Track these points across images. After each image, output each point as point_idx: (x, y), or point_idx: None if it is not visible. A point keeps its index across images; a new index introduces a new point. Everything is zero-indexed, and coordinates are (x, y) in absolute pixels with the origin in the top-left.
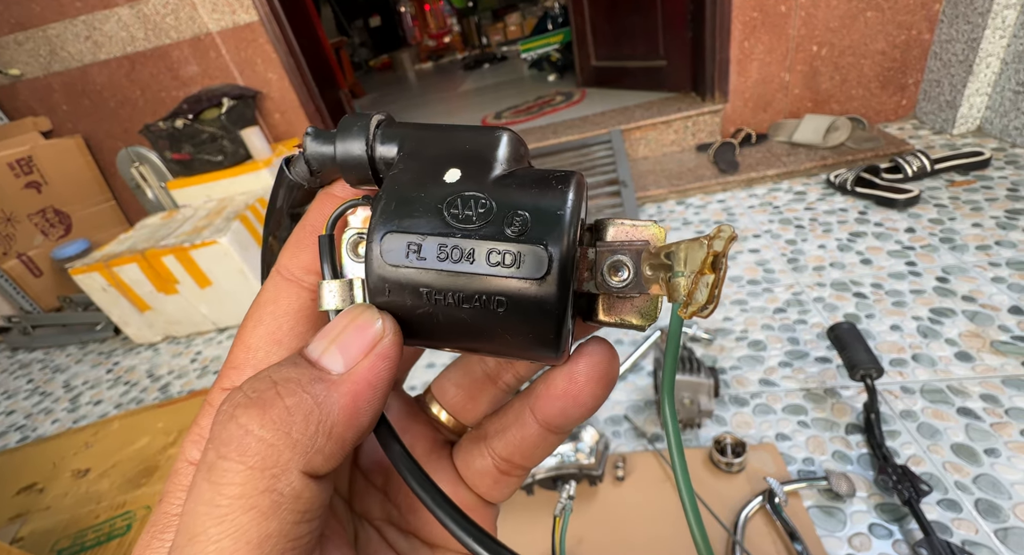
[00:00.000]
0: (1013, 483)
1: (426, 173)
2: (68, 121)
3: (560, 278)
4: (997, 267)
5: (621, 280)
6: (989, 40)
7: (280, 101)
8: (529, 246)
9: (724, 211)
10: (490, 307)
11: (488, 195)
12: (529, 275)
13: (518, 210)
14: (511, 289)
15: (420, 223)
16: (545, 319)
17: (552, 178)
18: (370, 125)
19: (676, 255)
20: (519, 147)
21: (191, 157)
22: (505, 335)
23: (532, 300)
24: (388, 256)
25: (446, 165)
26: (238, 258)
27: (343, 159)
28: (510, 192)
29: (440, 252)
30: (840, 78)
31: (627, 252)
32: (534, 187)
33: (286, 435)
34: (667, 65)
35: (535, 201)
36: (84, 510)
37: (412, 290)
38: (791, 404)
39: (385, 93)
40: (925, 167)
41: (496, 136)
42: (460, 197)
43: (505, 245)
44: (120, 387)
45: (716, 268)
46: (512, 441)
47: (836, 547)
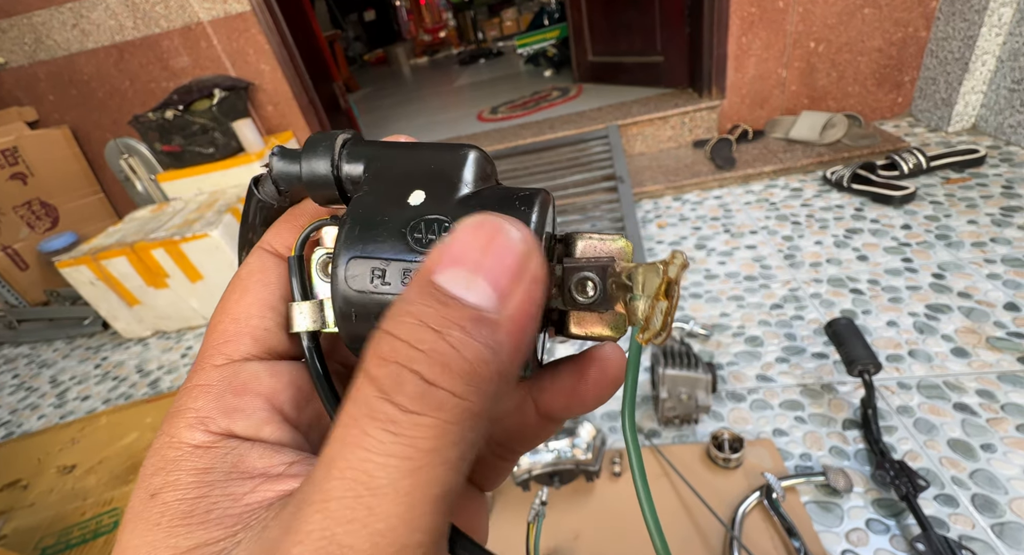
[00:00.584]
0: (1009, 478)
1: (390, 196)
2: (55, 111)
3: None
4: (992, 264)
5: (587, 297)
6: (985, 38)
7: (273, 93)
8: None
9: (721, 207)
10: None
11: (451, 218)
12: None
13: None
14: None
15: (384, 248)
16: None
17: (516, 198)
18: (335, 144)
19: (635, 278)
20: (485, 166)
21: (182, 149)
22: None
23: None
24: (353, 282)
25: (411, 187)
26: (230, 252)
27: (309, 179)
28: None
29: (404, 277)
30: (837, 75)
31: (593, 269)
32: (497, 208)
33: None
34: (664, 61)
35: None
36: (70, 507)
37: (378, 315)
38: (788, 400)
39: (379, 87)
40: (921, 164)
41: (462, 155)
42: (424, 221)
43: None
44: (108, 382)
45: (669, 295)
46: (510, 428)
47: (833, 542)
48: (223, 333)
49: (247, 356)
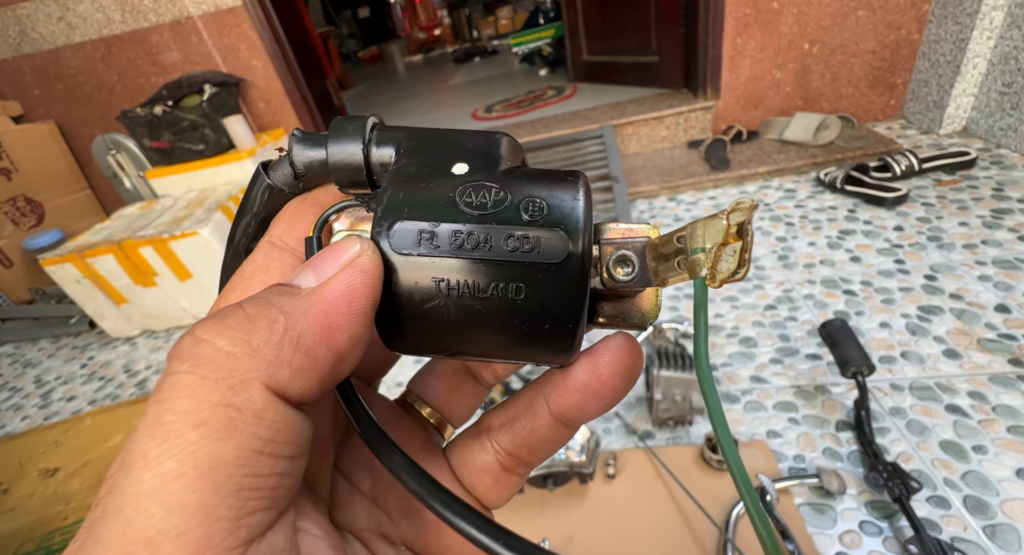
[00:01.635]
0: (1000, 480)
1: (432, 167)
2: (40, 106)
3: (580, 262)
4: (983, 265)
5: (626, 274)
6: (977, 41)
7: (265, 89)
8: (547, 230)
9: (715, 208)
10: (508, 295)
11: (501, 184)
12: (548, 260)
13: (534, 197)
14: (529, 274)
15: (433, 211)
16: (565, 306)
17: (562, 172)
18: (366, 126)
19: (692, 234)
20: (518, 149)
21: (171, 145)
22: (521, 326)
23: (551, 285)
24: (398, 245)
25: (452, 160)
26: (220, 250)
27: (336, 162)
28: (523, 182)
29: (454, 239)
30: (831, 76)
31: (630, 247)
32: (546, 179)
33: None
34: (659, 61)
35: (549, 190)
36: (52, 511)
37: (423, 281)
38: (782, 401)
39: (373, 85)
40: (913, 166)
41: (497, 137)
42: (472, 186)
43: (522, 229)
44: (95, 382)
45: (743, 234)
46: (521, 433)
47: (827, 545)
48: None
49: None
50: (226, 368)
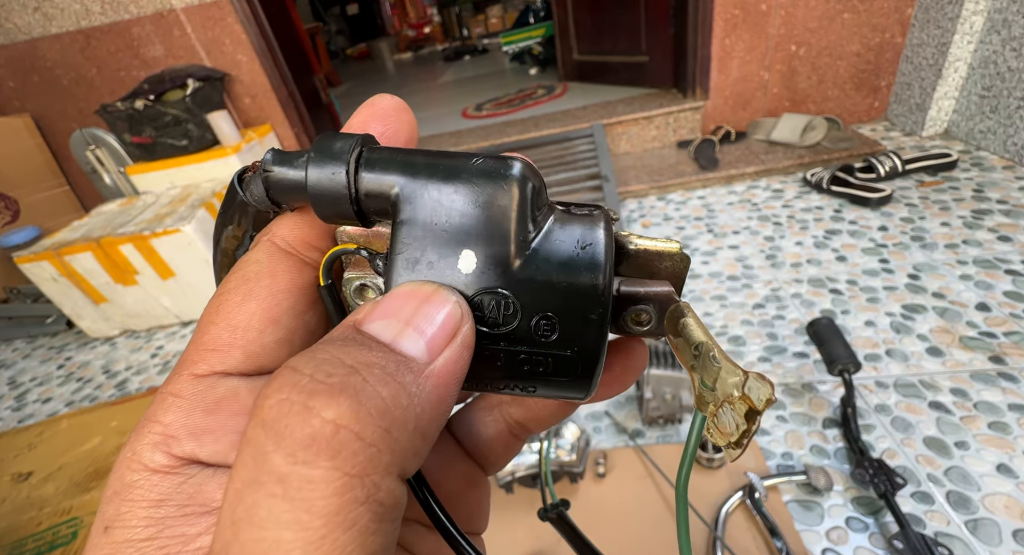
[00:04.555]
0: (982, 475)
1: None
2: (15, 99)
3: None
4: (964, 265)
5: (642, 325)
6: (958, 45)
7: (250, 85)
8: (559, 352)
9: (704, 207)
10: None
11: (512, 292)
12: (559, 376)
13: (547, 312)
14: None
15: None
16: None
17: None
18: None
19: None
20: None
21: (153, 141)
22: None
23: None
24: None
25: (457, 244)
26: (203, 248)
27: (317, 191)
28: (535, 286)
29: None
30: (817, 78)
31: (649, 302)
32: (561, 276)
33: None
34: (649, 61)
35: (563, 297)
36: (24, 517)
37: None
38: None
39: (362, 82)
40: (897, 167)
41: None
42: (483, 296)
43: (536, 349)
44: (72, 384)
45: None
46: (532, 408)
47: (814, 541)
48: (214, 339)
49: (232, 370)
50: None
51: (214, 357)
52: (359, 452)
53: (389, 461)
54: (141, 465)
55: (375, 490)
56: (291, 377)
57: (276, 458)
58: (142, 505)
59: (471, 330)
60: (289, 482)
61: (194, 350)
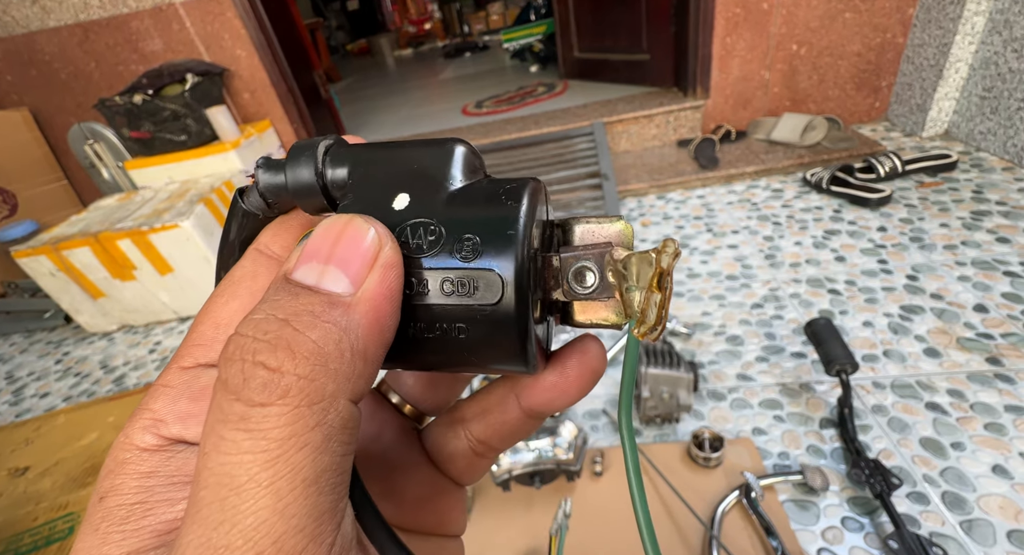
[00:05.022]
0: (977, 476)
1: (375, 201)
2: (13, 92)
3: (516, 300)
4: (963, 266)
5: (587, 287)
6: (959, 46)
7: (249, 80)
8: (481, 270)
9: (704, 206)
10: (451, 334)
11: (437, 220)
12: (483, 301)
13: (467, 233)
14: (468, 315)
15: None
16: (507, 340)
17: (503, 193)
18: (318, 151)
19: (629, 269)
20: (472, 160)
21: (151, 135)
22: (471, 357)
23: (490, 323)
24: None
25: (395, 190)
26: (202, 244)
27: (295, 188)
28: (459, 213)
29: None
30: (818, 78)
31: (591, 257)
32: (484, 205)
33: (324, 367)
34: (650, 59)
35: (484, 221)
36: (21, 512)
37: None
38: (767, 399)
39: (362, 78)
40: (896, 168)
41: (445, 150)
42: (410, 226)
43: (457, 272)
44: (70, 379)
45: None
46: (492, 424)
47: (810, 540)
48: (200, 335)
49: (215, 362)
50: (315, 395)
51: (200, 351)
52: (304, 388)
53: (334, 389)
54: (132, 445)
55: (324, 415)
56: (238, 341)
57: (237, 406)
58: (133, 477)
59: (393, 250)
60: (249, 419)
61: (184, 346)
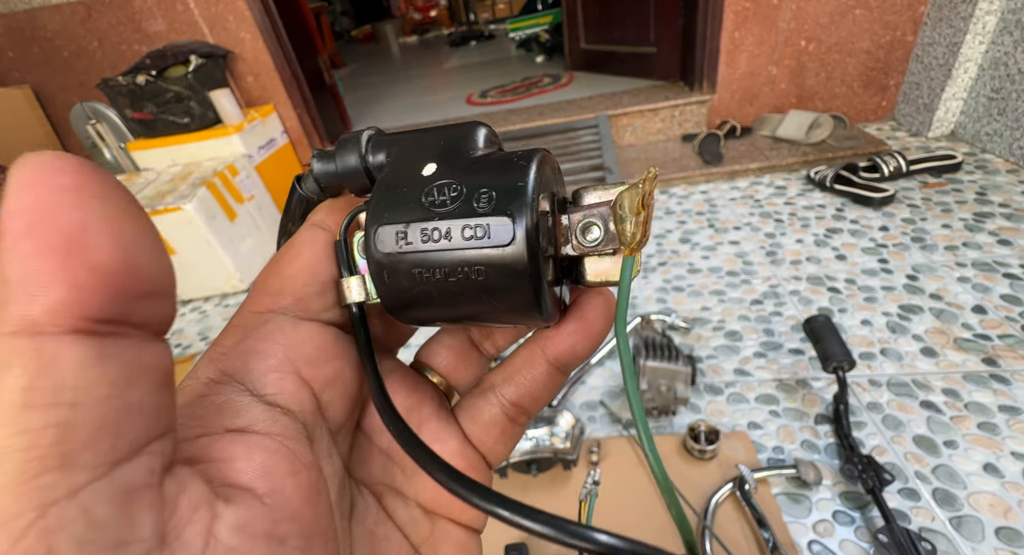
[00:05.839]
0: (968, 474)
1: (407, 172)
2: (14, 70)
3: (527, 241)
4: (963, 267)
5: (594, 239)
6: (969, 45)
7: (253, 63)
8: (496, 217)
9: (706, 202)
10: (472, 277)
11: (459, 180)
12: (498, 243)
13: (483, 188)
14: (485, 257)
15: (404, 213)
16: (520, 281)
17: (516, 158)
18: (362, 140)
19: (623, 205)
20: (489, 135)
21: (154, 117)
22: (492, 301)
23: (505, 265)
24: (382, 246)
25: (424, 162)
26: (204, 227)
27: (343, 172)
28: (478, 175)
29: (423, 235)
30: (825, 75)
31: (596, 214)
32: (499, 167)
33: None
34: (657, 52)
35: (500, 179)
36: None
37: (406, 272)
38: (764, 394)
39: (366, 65)
40: (901, 168)
41: (468, 128)
42: (435, 186)
43: (475, 220)
44: None
45: (645, 206)
46: (522, 383)
47: (801, 533)
48: (269, 286)
49: (283, 310)
50: None
51: (269, 299)
52: None
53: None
54: (197, 376)
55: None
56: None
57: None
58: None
59: None
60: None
61: (255, 294)
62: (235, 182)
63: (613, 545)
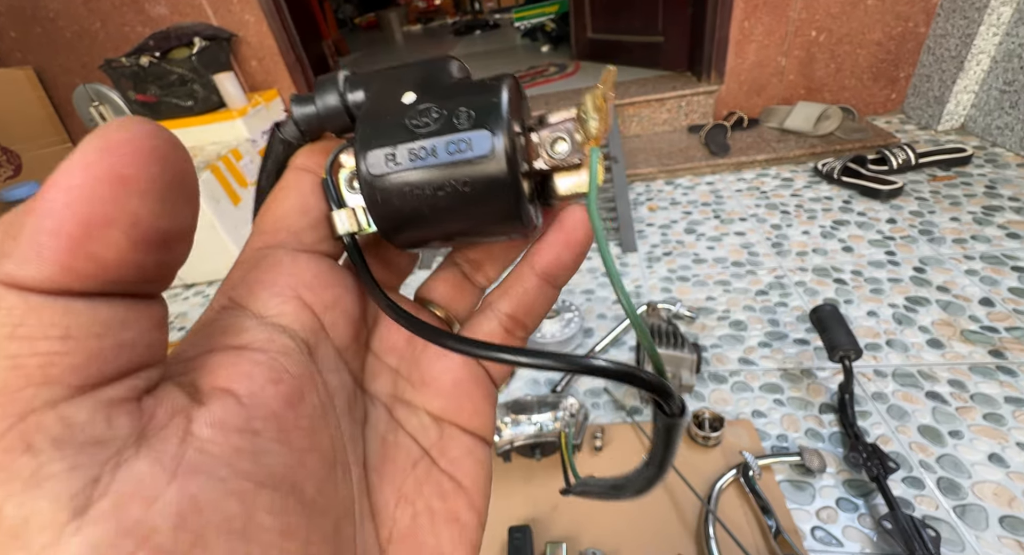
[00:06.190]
0: (973, 463)
1: (388, 102)
2: (16, 50)
3: (506, 150)
4: (971, 260)
5: (563, 151)
6: (983, 37)
7: (258, 47)
8: (475, 131)
9: (712, 193)
10: (459, 189)
11: (439, 104)
12: (480, 154)
13: (461, 107)
14: (469, 169)
15: (390, 137)
16: (502, 188)
17: (488, 81)
18: (339, 79)
19: (586, 107)
20: (462, 68)
21: (157, 99)
22: (478, 210)
23: (487, 174)
24: (373, 169)
25: (403, 92)
26: (208, 211)
27: (324, 113)
28: (456, 98)
29: (410, 155)
30: (835, 67)
31: (563, 128)
32: (474, 90)
33: None
34: (665, 42)
35: (476, 99)
36: None
37: (397, 192)
38: (768, 383)
39: (370, 53)
40: (910, 160)
41: (441, 62)
42: (417, 110)
43: (457, 135)
44: None
45: (605, 99)
46: (515, 296)
47: (804, 519)
48: (265, 225)
49: (280, 244)
50: None
51: (268, 236)
52: None
53: None
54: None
55: None
56: None
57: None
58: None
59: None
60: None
61: (254, 234)
62: (239, 166)
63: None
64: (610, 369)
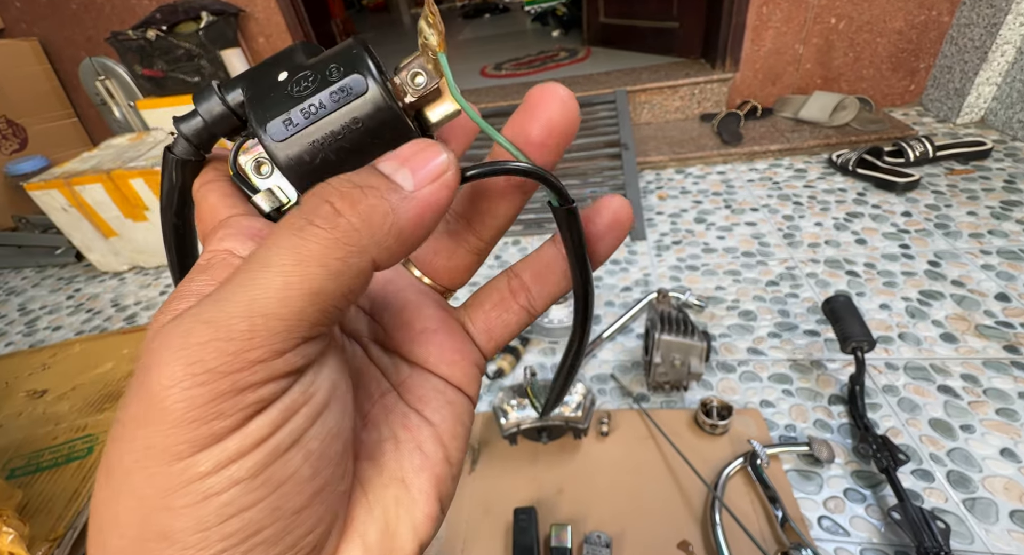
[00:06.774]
0: (984, 457)
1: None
2: (22, 21)
3: (378, 83)
4: (988, 255)
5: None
6: (1009, 26)
7: (266, 24)
8: (348, 78)
9: (723, 182)
10: (354, 128)
11: (311, 70)
12: (359, 93)
13: (331, 65)
14: (355, 109)
15: (280, 106)
16: (389, 117)
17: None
18: (213, 85)
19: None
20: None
21: (164, 74)
22: (372, 139)
23: (371, 108)
24: (276, 136)
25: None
26: None
27: (211, 119)
28: (322, 62)
29: (303, 115)
30: (854, 56)
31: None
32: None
33: (369, 226)
34: (679, 27)
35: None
36: (41, 431)
37: (305, 148)
38: (777, 373)
39: (378, 35)
40: (927, 153)
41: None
42: (294, 80)
43: (335, 85)
44: (82, 314)
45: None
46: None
47: (811, 508)
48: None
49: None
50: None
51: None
52: (348, 232)
53: (367, 243)
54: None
55: (349, 256)
56: (323, 187)
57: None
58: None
59: (454, 176)
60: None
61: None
62: None
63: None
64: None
